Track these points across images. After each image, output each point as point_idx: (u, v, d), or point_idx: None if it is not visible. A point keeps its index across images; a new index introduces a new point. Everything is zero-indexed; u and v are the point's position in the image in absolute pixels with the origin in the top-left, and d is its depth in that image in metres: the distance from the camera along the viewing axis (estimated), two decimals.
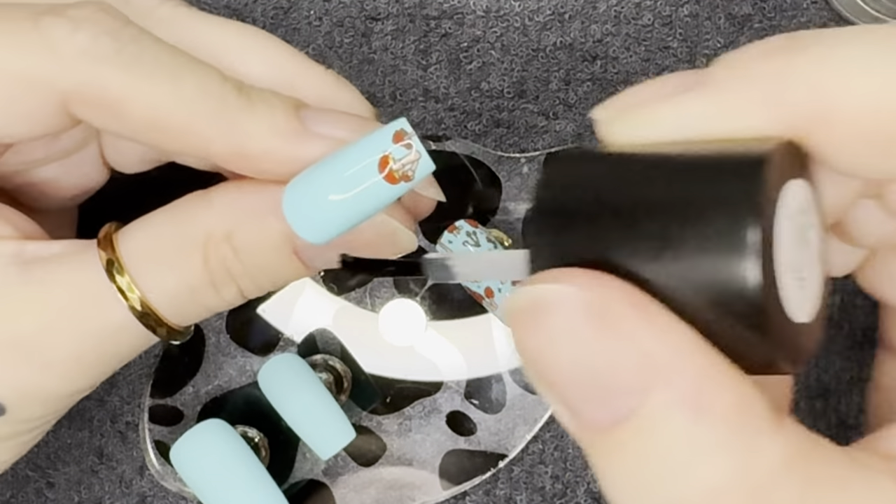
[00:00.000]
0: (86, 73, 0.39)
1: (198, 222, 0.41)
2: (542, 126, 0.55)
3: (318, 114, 0.41)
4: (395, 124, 0.39)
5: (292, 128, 0.40)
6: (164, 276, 0.41)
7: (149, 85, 0.39)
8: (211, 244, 0.41)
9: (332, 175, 0.39)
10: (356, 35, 0.55)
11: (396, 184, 0.39)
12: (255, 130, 0.39)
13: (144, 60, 0.39)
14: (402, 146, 0.39)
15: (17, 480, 0.56)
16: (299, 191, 0.39)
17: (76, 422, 0.55)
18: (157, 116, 0.39)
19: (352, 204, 0.39)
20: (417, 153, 0.39)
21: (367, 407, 0.54)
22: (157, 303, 0.41)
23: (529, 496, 0.56)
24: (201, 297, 0.42)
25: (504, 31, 0.55)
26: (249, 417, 0.54)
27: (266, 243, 0.41)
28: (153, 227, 0.42)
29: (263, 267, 0.42)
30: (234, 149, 0.40)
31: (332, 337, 0.54)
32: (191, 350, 0.54)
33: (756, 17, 0.55)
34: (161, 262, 0.41)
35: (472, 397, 0.55)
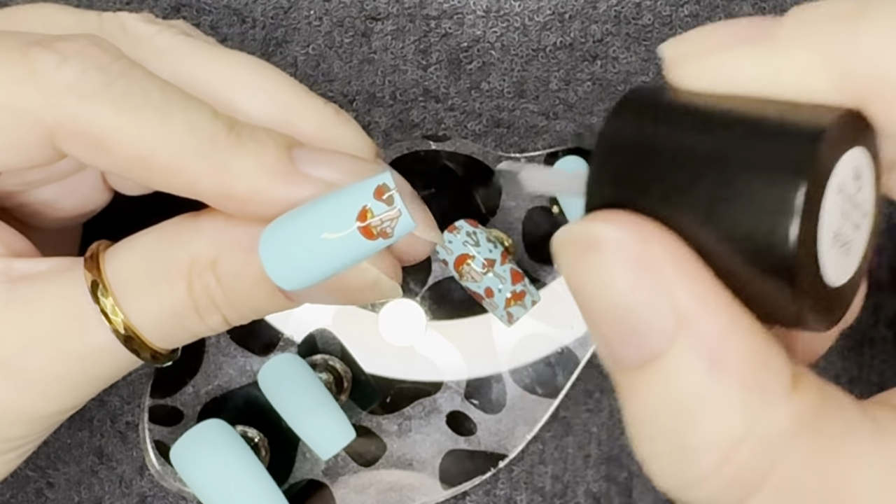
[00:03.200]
0: (72, 107, 0.38)
1: (184, 247, 0.41)
2: (542, 126, 0.55)
3: (310, 154, 0.40)
4: (377, 178, 0.38)
5: (282, 168, 0.39)
6: (148, 299, 0.41)
7: (136, 121, 0.38)
8: (195, 271, 0.40)
9: (309, 223, 0.38)
10: (356, 35, 0.55)
11: (374, 239, 0.38)
12: (243, 170, 0.39)
13: (133, 96, 0.38)
14: (382, 201, 0.38)
15: (17, 480, 0.56)
16: (276, 236, 0.39)
17: (76, 422, 0.55)
18: (143, 154, 0.38)
19: (327, 254, 0.38)
20: (398, 211, 0.38)
21: (367, 407, 0.54)
22: (141, 326, 0.41)
23: (529, 496, 0.56)
24: (185, 322, 0.41)
25: (504, 31, 0.55)
26: (249, 417, 0.54)
27: (249, 277, 0.40)
28: (140, 248, 0.41)
29: (246, 298, 0.41)
30: (220, 189, 0.39)
31: (332, 337, 0.54)
32: (191, 350, 0.54)
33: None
34: (146, 285, 0.41)
35: (472, 397, 0.55)
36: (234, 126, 0.39)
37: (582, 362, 0.55)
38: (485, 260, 0.51)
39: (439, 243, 0.43)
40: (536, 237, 0.55)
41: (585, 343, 0.55)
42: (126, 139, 0.38)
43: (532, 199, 0.55)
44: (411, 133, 0.55)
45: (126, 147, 0.38)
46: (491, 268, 0.51)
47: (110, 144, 0.38)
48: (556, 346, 0.55)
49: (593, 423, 0.56)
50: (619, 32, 0.55)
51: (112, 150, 0.39)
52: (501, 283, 0.51)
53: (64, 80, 0.38)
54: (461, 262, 0.51)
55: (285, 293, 0.41)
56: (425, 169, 0.55)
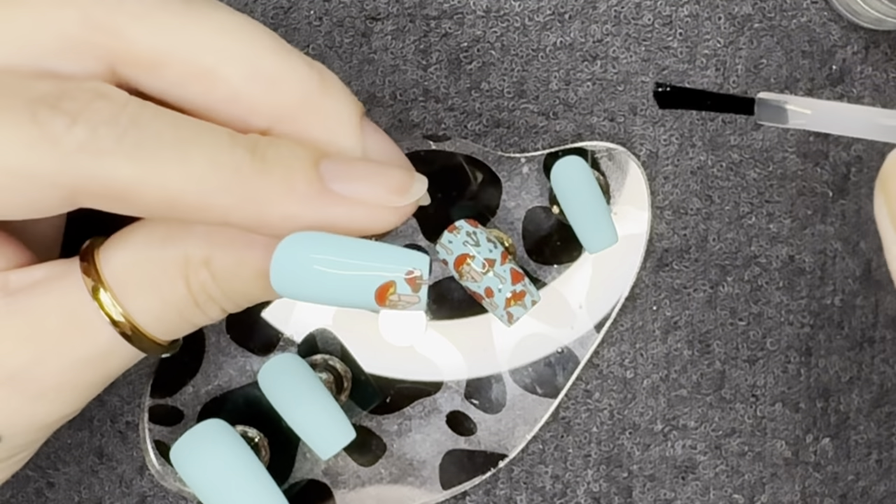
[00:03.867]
0: (89, 167, 0.37)
1: (177, 245, 0.41)
2: (542, 126, 0.55)
3: (339, 167, 0.40)
4: (416, 261, 0.38)
5: (313, 191, 0.39)
6: (148, 297, 0.41)
7: (156, 170, 0.38)
8: (191, 268, 0.41)
9: (330, 262, 0.38)
10: (356, 35, 0.55)
11: (383, 305, 0.39)
12: (274, 199, 0.38)
13: (147, 144, 0.38)
14: (409, 285, 0.38)
15: (17, 480, 0.56)
16: (292, 256, 0.39)
17: (76, 422, 0.55)
18: (171, 198, 0.38)
19: (335, 292, 0.38)
20: (418, 298, 0.39)
21: (367, 407, 0.54)
22: (144, 323, 0.42)
23: (529, 496, 0.56)
24: (187, 315, 0.42)
25: (504, 31, 0.55)
26: (249, 417, 0.54)
27: (243, 273, 0.41)
28: (134, 246, 0.42)
29: (241, 292, 0.42)
30: (253, 220, 0.39)
31: (332, 337, 0.54)
32: (191, 350, 0.54)
33: (756, 17, 0.55)
34: (145, 283, 0.41)
35: (472, 397, 0.55)
36: (257, 150, 0.39)
37: (582, 362, 0.55)
38: (485, 260, 0.51)
39: (426, 203, 0.43)
40: (537, 237, 0.55)
41: (585, 343, 0.55)
42: (148, 189, 0.38)
43: (532, 199, 0.55)
44: (411, 133, 0.55)
45: (150, 196, 0.38)
46: (491, 268, 0.51)
47: (135, 196, 0.38)
48: (556, 346, 0.55)
49: (593, 423, 0.56)
50: (619, 32, 0.55)
51: (137, 201, 0.38)
52: (501, 282, 0.51)
53: (77, 141, 0.37)
54: (461, 262, 0.51)
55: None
56: (425, 169, 0.54)
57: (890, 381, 0.56)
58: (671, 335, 0.56)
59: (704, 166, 0.55)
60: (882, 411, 0.56)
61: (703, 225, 0.56)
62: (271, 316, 0.55)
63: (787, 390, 0.56)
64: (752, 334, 0.56)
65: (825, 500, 0.56)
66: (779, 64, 0.55)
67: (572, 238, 0.53)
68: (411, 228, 0.54)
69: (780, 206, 0.55)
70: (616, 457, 0.56)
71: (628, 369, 0.56)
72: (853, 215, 0.55)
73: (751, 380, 0.56)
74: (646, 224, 0.55)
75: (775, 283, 0.56)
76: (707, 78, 0.55)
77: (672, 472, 0.56)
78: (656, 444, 0.56)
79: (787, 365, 0.56)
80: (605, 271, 0.55)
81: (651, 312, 0.56)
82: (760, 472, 0.56)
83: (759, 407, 0.56)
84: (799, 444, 0.56)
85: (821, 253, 0.56)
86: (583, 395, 0.56)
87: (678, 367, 0.56)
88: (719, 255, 0.56)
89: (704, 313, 0.56)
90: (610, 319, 0.55)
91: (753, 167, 0.55)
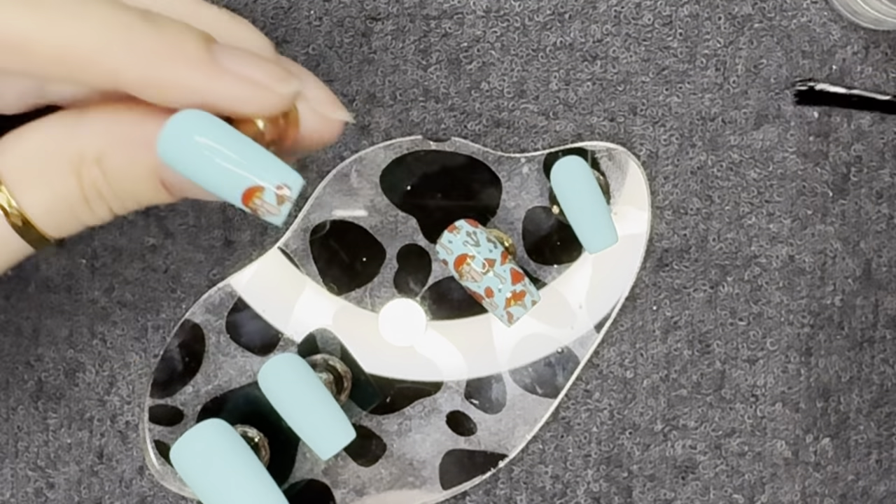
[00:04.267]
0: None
1: (71, 142, 0.42)
2: (542, 126, 0.55)
3: (228, 50, 0.41)
4: (290, 178, 0.40)
5: (203, 58, 0.40)
6: (41, 191, 0.42)
7: (53, 21, 0.39)
8: (84, 165, 0.42)
9: (218, 144, 0.40)
10: (356, 35, 0.55)
11: (246, 204, 0.40)
12: (166, 57, 0.40)
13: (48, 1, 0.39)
14: (276, 198, 0.40)
15: (17, 480, 0.56)
16: (179, 133, 0.40)
17: (76, 422, 0.55)
18: (64, 51, 0.39)
19: (209, 175, 0.40)
20: (279, 211, 0.40)
21: (367, 407, 0.54)
22: (35, 216, 0.42)
23: (529, 496, 0.56)
24: (76, 211, 0.43)
25: (504, 31, 0.55)
26: (249, 417, 0.54)
27: (134, 172, 0.42)
28: (28, 142, 0.42)
29: (131, 192, 0.43)
30: (144, 76, 0.40)
31: (332, 337, 0.54)
32: (191, 350, 0.55)
33: (756, 17, 0.55)
34: (38, 177, 0.42)
35: (472, 397, 0.55)
36: (149, 15, 0.40)
37: (582, 362, 0.55)
38: (485, 260, 0.51)
39: (349, 120, 0.45)
40: (536, 237, 0.55)
41: (585, 343, 0.55)
42: (43, 39, 0.39)
43: (532, 199, 0.55)
44: (411, 133, 0.55)
45: (44, 47, 0.39)
46: (491, 267, 0.51)
47: (29, 46, 0.39)
48: (556, 347, 0.55)
49: (593, 423, 0.56)
50: (619, 32, 0.55)
51: (31, 52, 0.39)
52: (501, 282, 0.51)
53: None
54: (461, 262, 0.51)
55: (167, 188, 0.43)
56: (425, 169, 0.55)
57: (890, 381, 0.56)
58: (671, 335, 0.56)
59: (704, 166, 0.55)
60: (882, 411, 0.56)
61: (703, 225, 0.56)
62: (271, 316, 0.55)
63: (787, 390, 0.56)
64: (752, 334, 0.56)
65: (825, 500, 0.56)
66: (779, 64, 0.55)
67: (572, 238, 0.53)
68: (411, 228, 0.55)
69: (780, 206, 0.56)
70: (616, 457, 0.56)
71: (628, 369, 0.56)
72: (853, 215, 0.56)
73: (751, 380, 0.56)
74: (646, 224, 0.55)
75: (775, 283, 0.56)
76: (707, 78, 0.55)
77: (672, 472, 0.56)
78: (656, 444, 0.56)
79: (787, 365, 0.56)
80: (605, 271, 0.55)
81: (651, 312, 0.56)
82: (760, 472, 0.56)
83: (759, 407, 0.56)
84: (799, 444, 0.56)
85: (821, 253, 0.56)
86: (583, 395, 0.56)
87: (678, 367, 0.56)
88: (719, 255, 0.56)
89: (704, 313, 0.56)
90: (610, 319, 0.55)
91: (753, 167, 0.55)
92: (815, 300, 0.56)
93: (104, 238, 0.55)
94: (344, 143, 0.55)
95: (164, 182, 0.42)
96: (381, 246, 0.54)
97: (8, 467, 0.56)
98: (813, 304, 0.56)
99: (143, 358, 0.55)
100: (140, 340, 0.56)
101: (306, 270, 0.55)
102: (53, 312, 0.56)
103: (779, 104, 0.55)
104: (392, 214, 0.55)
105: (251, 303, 0.55)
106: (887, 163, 0.55)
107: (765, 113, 0.55)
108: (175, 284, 0.56)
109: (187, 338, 0.55)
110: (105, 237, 0.55)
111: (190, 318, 0.55)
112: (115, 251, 0.56)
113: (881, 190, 0.55)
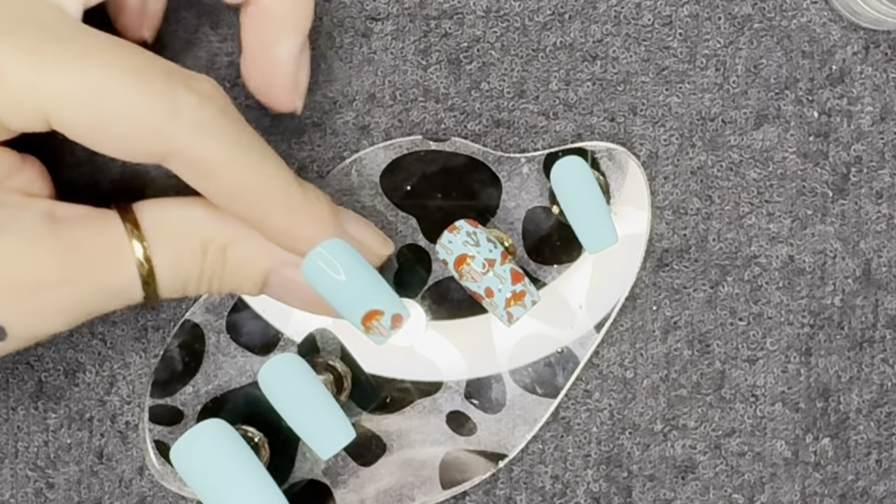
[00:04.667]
0: (198, 140, 0.45)
1: (208, 227, 0.49)
2: (542, 126, 0.55)
3: (349, 214, 0.51)
4: (407, 310, 0.49)
5: (333, 222, 0.49)
6: (170, 256, 0.48)
7: (241, 160, 0.46)
8: (211, 247, 0.48)
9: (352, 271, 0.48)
10: (356, 35, 0.55)
11: (364, 323, 0.49)
12: (307, 216, 0.48)
13: (241, 140, 0.46)
14: (392, 322, 0.49)
15: (17, 480, 0.56)
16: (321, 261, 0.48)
17: (76, 422, 0.55)
18: (241, 186, 0.46)
19: (338, 291, 0.49)
20: (388, 335, 0.49)
21: (367, 407, 0.54)
22: (159, 276, 0.48)
23: (529, 496, 0.56)
24: (188, 282, 0.49)
25: (504, 31, 0.55)
26: (250, 417, 0.54)
27: (247, 268, 0.49)
28: (171, 214, 0.49)
29: (237, 283, 0.50)
30: (286, 227, 0.48)
31: (332, 337, 0.54)
32: (191, 350, 0.55)
33: (756, 17, 0.55)
34: (172, 244, 0.48)
35: (471, 397, 0.55)
36: (301, 182, 0.48)
37: (582, 362, 0.55)
38: (485, 260, 0.51)
39: (390, 253, 0.52)
40: (536, 237, 0.55)
41: (585, 343, 0.55)
42: (231, 172, 0.46)
43: (532, 199, 0.55)
44: (411, 133, 0.55)
45: (229, 178, 0.46)
46: (491, 268, 0.51)
47: (216, 174, 0.46)
48: (556, 347, 0.55)
49: (593, 423, 0.56)
50: (619, 32, 0.55)
51: (215, 179, 0.46)
52: (501, 282, 0.51)
53: (199, 119, 0.45)
54: (461, 262, 0.51)
55: (267, 291, 0.50)
56: (425, 169, 0.55)
57: (890, 381, 0.56)
58: (671, 335, 0.56)
59: (704, 166, 0.55)
60: (882, 411, 0.56)
61: (703, 225, 0.56)
62: (271, 316, 0.55)
63: (787, 390, 0.56)
64: (752, 334, 0.56)
65: (825, 500, 0.56)
66: (779, 64, 0.55)
67: (572, 238, 0.53)
68: (412, 228, 0.54)
69: (780, 206, 0.56)
70: (616, 457, 0.56)
71: (628, 369, 0.56)
72: (853, 215, 0.55)
73: (751, 380, 0.56)
74: (646, 224, 0.55)
75: (775, 283, 0.56)
76: (707, 78, 0.55)
77: (672, 472, 0.56)
78: (656, 444, 0.56)
79: (787, 365, 0.56)
80: (605, 271, 0.55)
81: (651, 312, 0.56)
82: (760, 472, 0.56)
83: (759, 407, 0.56)
84: (799, 444, 0.56)
85: (821, 253, 0.56)
86: (583, 395, 0.56)
87: (678, 367, 0.56)
88: (719, 255, 0.56)
89: (704, 313, 0.56)
90: (610, 319, 0.55)
91: (753, 167, 0.55)
92: (815, 300, 0.56)
93: None
94: (344, 144, 0.55)
95: (267, 283, 0.50)
96: None
97: (8, 467, 0.56)
98: (813, 304, 0.56)
99: (143, 358, 0.55)
100: (140, 340, 0.56)
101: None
102: None
103: (779, 104, 0.55)
104: (392, 214, 0.55)
105: (251, 302, 0.55)
106: (887, 163, 0.55)
107: (765, 113, 0.55)
108: None
109: (187, 338, 0.55)
110: None
111: (190, 318, 0.55)
112: None
113: (881, 190, 0.55)
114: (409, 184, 0.55)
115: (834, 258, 0.56)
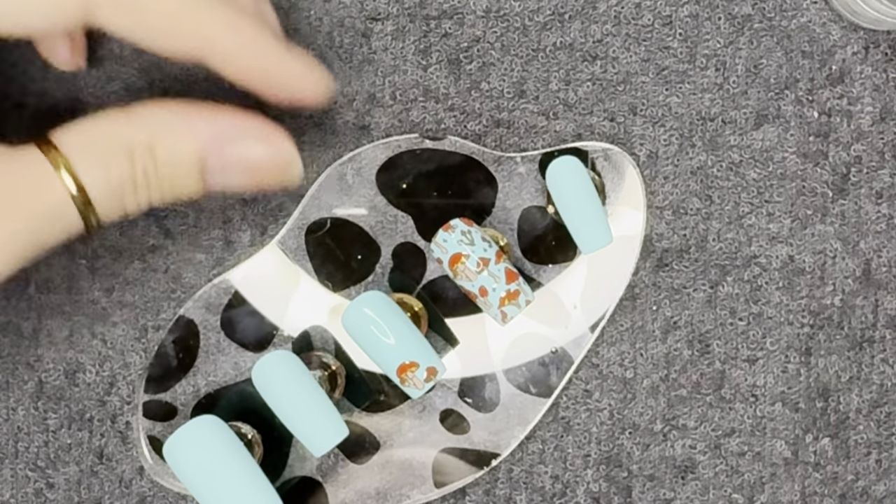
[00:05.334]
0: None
1: (128, 130, 0.47)
2: (542, 126, 0.55)
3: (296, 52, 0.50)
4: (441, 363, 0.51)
5: (320, 74, 0.49)
6: (97, 169, 0.46)
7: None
8: (137, 151, 0.47)
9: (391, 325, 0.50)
10: (356, 35, 0.55)
11: (399, 374, 0.50)
12: (290, 62, 0.48)
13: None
14: (426, 374, 0.50)
15: (17, 480, 0.56)
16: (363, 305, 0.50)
17: (76, 422, 0.56)
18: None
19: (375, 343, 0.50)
20: (423, 386, 0.50)
21: (361, 404, 0.54)
22: (93, 198, 0.46)
23: (529, 496, 0.56)
24: (124, 196, 0.47)
25: (504, 31, 0.55)
26: (243, 414, 0.54)
27: (181, 160, 0.48)
28: (88, 129, 0.47)
29: (174, 181, 0.48)
30: (275, 71, 0.48)
31: (326, 334, 0.55)
32: (185, 346, 0.55)
33: (756, 17, 0.55)
34: (98, 160, 0.47)
35: (465, 396, 0.55)
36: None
37: (576, 362, 0.55)
38: (479, 259, 0.51)
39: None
40: (532, 236, 0.55)
41: (580, 343, 0.55)
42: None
43: (528, 199, 0.55)
44: (411, 133, 0.55)
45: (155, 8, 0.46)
46: (485, 267, 0.51)
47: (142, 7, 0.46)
48: (550, 346, 0.55)
49: (593, 423, 0.56)
50: (619, 32, 0.55)
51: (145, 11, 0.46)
52: (496, 282, 0.51)
53: None
54: (456, 261, 0.51)
55: (206, 180, 0.49)
56: (421, 167, 0.55)
57: (890, 381, 0.56)
58: (671, 335, 0.56)
59: (704, 166, 0.55)
60: (882, 411, 0.56)
61: (703, 225, 0.55)
62: (266, 312, 0.55)
63: (787, 390, 0.56)
64: (752, 334, 0.56)
65: (825, 500, 0.56)
66: (779, 64, 0.55)
67: (567, 238, 0.53)
68: (407, 227, 0.55)
69: (780, 206, 0.55)
70: (616, 457, 0.56)
71: (628, 369, 0.56)
72: (853, 215, 0.55)
73: (751, 380, 0.56)
74: (641, 225, 0.55)
75: (775, 283, 0.55)
76: (707, 78, 0.55)
77: (672, 472, 0.56)
78: (656, 444, 0.56)
79: (787, 365, 0.56)
80: (600, 272, 0.55)
81: (651, 312, 0.56)
82: (760, 472, 0.56)
83: (758, 407, 0.56)
84: (799, 444, 0.56)
85: (821, 253, 0.55)
86: (582, 395, 0.56)
87: (678, 367, 0.56)
88: (719, 255, 0.55)
89: (704, 313, 0.56)
90: (604, 320, 0.55)
91: (753, 167, 0.55)
92: (815, 300, 0.56)
93: (104, 238, 0.56)
94: (344, 143, 0.55)
95: (204, 172, 0.48)
96: (376, 244, 0.55)
97: (8, 467, 0.56)
98: (813, 304, 0.56)
99: (143, 358, 0.56)
100: (140, 341, 0.56)
101: (302, 267, 0.55)
102: (53, 313, 0.56)
103: (779, 104, 0.55)
104: (388, 213, 0.55)
105: (247, 297, 0.55)
106: (887, 163, 0.55)
107: (765, 113, 0.55)
108: (175, 285, 0.56)
109: (182, 334, 0.55)
110: (105, 237, 0.56)
111: (185, 314, 0.55)
112: (115, 251, 0.56)
113: (881, 190, 0.55)
114: (405, 182, 0.55)
115: (834, 258, 0.55)
